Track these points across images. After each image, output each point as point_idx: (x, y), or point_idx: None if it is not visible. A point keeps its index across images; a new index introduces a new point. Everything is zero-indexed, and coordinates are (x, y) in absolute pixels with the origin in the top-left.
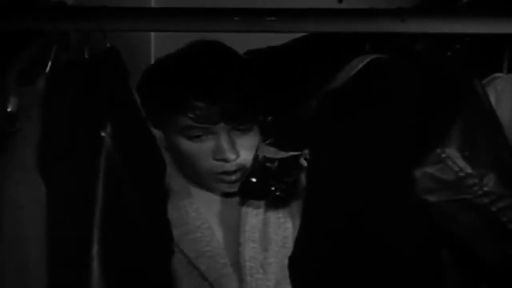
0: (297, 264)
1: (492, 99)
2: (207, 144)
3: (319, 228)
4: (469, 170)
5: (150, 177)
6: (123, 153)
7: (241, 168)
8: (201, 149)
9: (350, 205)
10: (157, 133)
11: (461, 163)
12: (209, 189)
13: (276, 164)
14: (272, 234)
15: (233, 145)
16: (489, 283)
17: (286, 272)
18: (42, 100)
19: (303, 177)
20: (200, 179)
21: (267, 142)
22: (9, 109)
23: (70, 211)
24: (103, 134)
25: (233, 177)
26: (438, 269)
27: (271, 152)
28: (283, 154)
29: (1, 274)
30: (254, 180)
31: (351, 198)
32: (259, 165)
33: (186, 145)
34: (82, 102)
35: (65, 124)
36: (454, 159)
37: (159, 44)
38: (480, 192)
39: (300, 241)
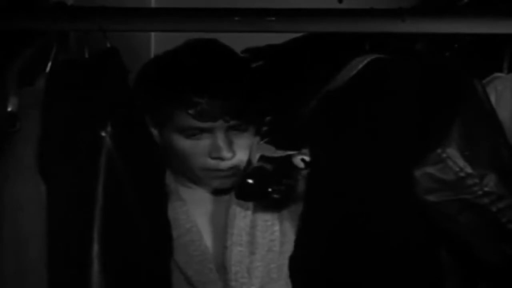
0: (297, 264)
1: (492, 99)
2: (204, 142)
3: (319, 228)
4: (469, 170)
5: (150, 177)
6: (123, 153)
7: (235, 167)
8: (197, 147)
9: (351, 205)
10: (152, 130)
11: (462, 163)
12: (202, 186)
13: (272, 164)
14: (259, 237)
15: (229, 144)
16: (489, 283)
17: (272, 276)
18: (42, 100)
19: (299, 179)
20: (195, 176)
21: (265, 140)
22: (9, 109)
23: (70, 211)
24: (103, 134)
25: (228, 173)
26: (437, 269)
27: (269, 150)
28: (280, 153)
29: (1, 274)
30: (251, 181)
31: (351, 198)
32: (256, 166)
33: (182, 143)
34: (82, 102)
35: (65, 124)
36: (454, 159)
37: (159, 44)
38: (480, 192)
39: (300, 241)
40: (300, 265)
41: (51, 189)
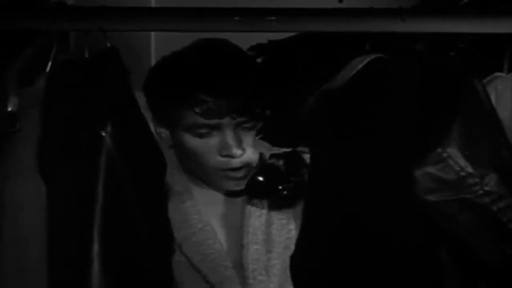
0: (298, 263)
1: (492, 98)
2: (213, 141)
3: (319, 228)
4: (470, 169)
5: (151, 177)
6: (124, 152)
7: (246, 166)
8: (207, 145)
9: (351, 205)
10: (163, 131)
11: (462, 162)
12: (215, 187)
13: (282, 162)
14: (275, 235)
15: (239, 142)
16: (489, 283)
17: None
18: (42, 100)
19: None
20: (207, 177)
21: (259, 136)
22: (9, 109)
23: (70, 211)
24: (103, 133)
25: (239, 174)
26: (437, 269)
27: (264, 147)
28: (275, 150)
29: (1, 274)
30: (261, 179)
31: (351, 198)
32: (264, 163)
33: (193, 142)
34: (82, 102)
35: (65, 124)
36: (455, 159)
37: (159, 44)
38: (481, 192)
39: (301, 241)
40: (300, 265)
41: (51, 189)
